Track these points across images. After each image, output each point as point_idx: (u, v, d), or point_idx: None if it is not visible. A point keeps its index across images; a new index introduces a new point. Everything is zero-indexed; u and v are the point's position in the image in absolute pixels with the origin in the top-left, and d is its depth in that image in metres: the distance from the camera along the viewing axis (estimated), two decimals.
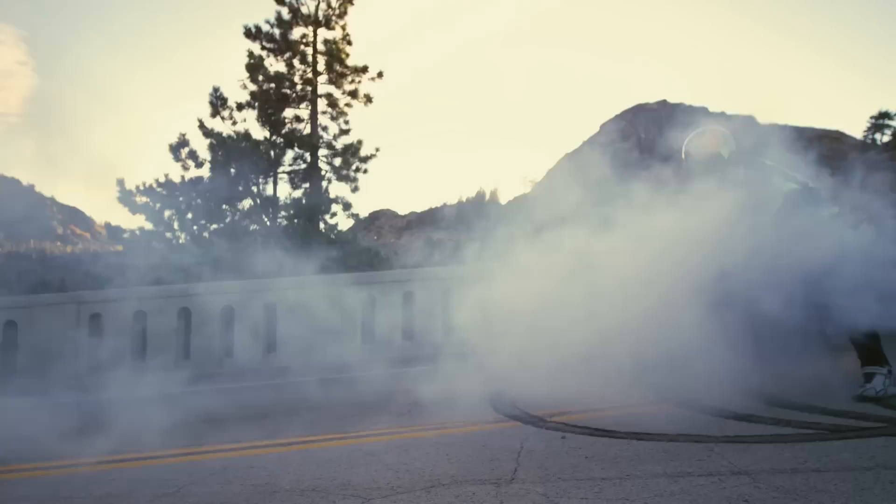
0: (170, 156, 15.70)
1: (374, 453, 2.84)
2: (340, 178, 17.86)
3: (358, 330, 6.14)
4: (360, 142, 17.56)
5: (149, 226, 16.10)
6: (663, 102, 34.15)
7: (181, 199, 16.01)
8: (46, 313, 6.66)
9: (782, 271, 3.24)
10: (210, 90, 15.87)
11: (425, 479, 2.37)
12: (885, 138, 33.94)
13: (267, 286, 6.44)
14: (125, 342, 6.68)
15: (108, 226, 16.12)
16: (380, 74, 16.88)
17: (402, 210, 30.21)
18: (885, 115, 33.65)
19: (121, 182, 15.63)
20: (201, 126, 15.78)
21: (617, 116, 33.17)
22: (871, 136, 34.01)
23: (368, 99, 16.68)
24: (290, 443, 3.24)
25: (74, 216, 43.09)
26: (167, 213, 16.08)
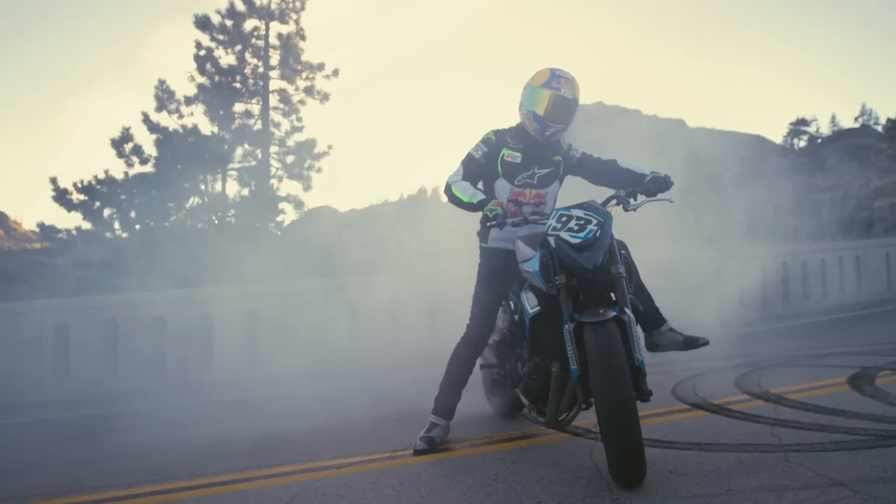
0: (111, 151, 14.81)
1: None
2: (292, 176, 17.40)
3: None
4: (313, 139, 17.15)
5: (87, 225, 15.14)
6: (599, 104, 35.31)
7: (123, 196, 15.14)
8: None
9: None
10: (156, 83, 15.10)
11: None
12: (802, 143, 36.56)
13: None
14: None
15: (41, 225, 14.94)
16: (335, 72, 16.56)
17: (342, 207, 29.64)
18: (802, 121, 36.33)
19: (54, 180, 14.62)
20: (146, 120, 14.96)
21: None
22: (790, 141, 36.54)
23: (325, 97, 16.29)
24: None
25: None
26: (107, 212, 15.17)
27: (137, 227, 15.38)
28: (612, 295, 2.66)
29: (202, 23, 15.51)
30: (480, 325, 3.25)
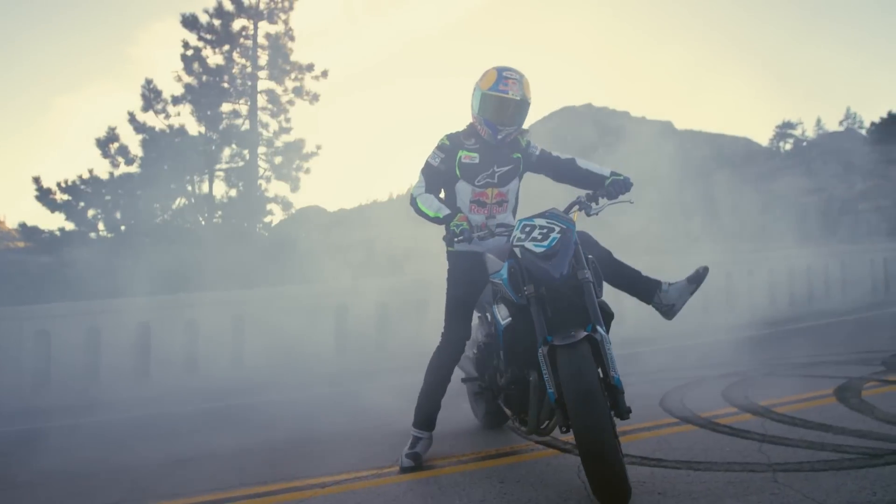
0: (96, 151, 14.62)
1: None
2: (280, 176, 17.28)
3: None
4: (301, 140, 17.04)
5: (70, 225, 14.94)
6: (588, 105, 35.43)
7: (108, 197, 14.95)
8: None
9: None
10: (142, 82, 14.91)
11: None
12: (788, 146, 36.94)
13: None
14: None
15: (23, 226, 14.71)
16: (324, 73, 16.44)
17: (331, 207, 29.49)
18: (788, 124, 36.71)
19: (37, 179, 14.40)
20: (132, 120, 14.77)
21: (545, 118, 33.96)
22: (776, 144, 36.90)
23: (314, 97, 16.16)
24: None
25: None
26: (91, 213, 14.98)
27: (123, 228, 15.21)
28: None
29: (189, 22, 15.35)
30: (454, 329, 3.21)
